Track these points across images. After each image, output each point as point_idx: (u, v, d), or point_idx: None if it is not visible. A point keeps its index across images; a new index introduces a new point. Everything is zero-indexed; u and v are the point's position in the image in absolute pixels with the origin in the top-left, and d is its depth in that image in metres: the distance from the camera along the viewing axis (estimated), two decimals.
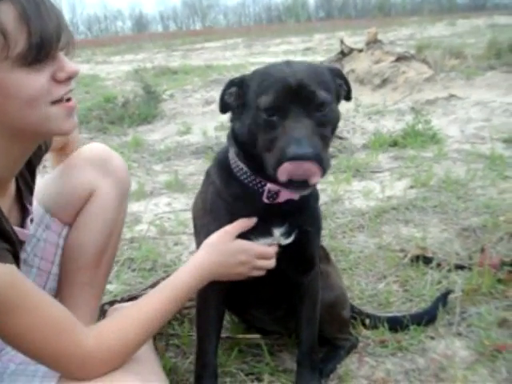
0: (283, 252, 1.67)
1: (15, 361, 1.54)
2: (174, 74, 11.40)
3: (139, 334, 1.50)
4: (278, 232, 1.64)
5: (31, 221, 1.62)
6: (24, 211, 1.60)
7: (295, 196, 1.60)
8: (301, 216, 1.66)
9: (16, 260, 1.39)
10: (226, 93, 1.61)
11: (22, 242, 1.57)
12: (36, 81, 1.28)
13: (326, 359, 1.94)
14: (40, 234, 1.76)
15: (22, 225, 1.58)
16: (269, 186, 1.58)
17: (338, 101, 1.59)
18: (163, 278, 2.37)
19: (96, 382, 1.44)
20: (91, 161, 1.79)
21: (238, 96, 1.59)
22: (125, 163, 1.89)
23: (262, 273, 1.66)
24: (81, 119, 6.60)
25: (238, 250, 1.61)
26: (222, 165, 1.70)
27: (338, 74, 1.61)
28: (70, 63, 1.35)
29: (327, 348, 2.00)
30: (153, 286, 2.35)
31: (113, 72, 13.58)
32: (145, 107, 6.65)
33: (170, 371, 1.71)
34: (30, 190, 1.67)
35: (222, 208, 1.69)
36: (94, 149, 1.84)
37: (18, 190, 1.59)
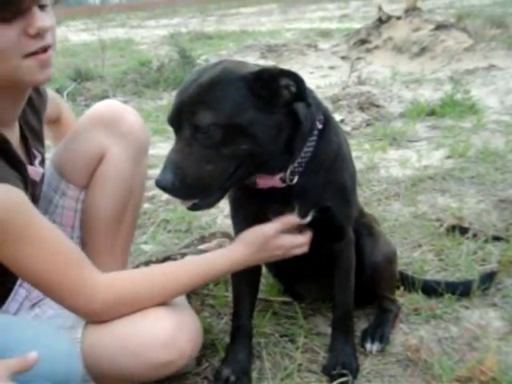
0: (310, 225, 1.67)
1: (54, 307, 1.58)
2: (209, 39, 11.34)
3: (150, 294, 1.53)
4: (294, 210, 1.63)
5: (40, 163, 1.64)
6: (30, 157, 1.62)
7: (278, 184, 1.58)
8: (314, 193, 1.63)
9: (30, 195, 1.41)
10: None
11: (34, 183, 1.58)
12: (4, 36, 1.29)
13: (378, 324, 1.94)
14: (57, 200, 1.78)
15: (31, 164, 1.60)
16: None
17: (270, 105, 1.45)
18: (197, 240, 2.42)
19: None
20: (101, 121, 1.77)
21: None
22: (139, 120, 1.84)
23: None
24: (116, 82, 6.63)
25: (276, 247, 1.63)
26: None
27: (281, 75, 1.44)
28: (42, 18, 1.34)
29: (376, 313, 2.02)
30: (187, 246, 2.38)
31: (147, 36, 13.55)
32: (180, 71, 6.63)
33: (204, 331, 1.74)
34: (38, 137, 1.68)
35: (235, 190, 1.70)
36: (104, 108, 1.81)
37: (24, 137, 1.60)
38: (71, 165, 1.78)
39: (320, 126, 1.60)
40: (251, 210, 1.68)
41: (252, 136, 1.43)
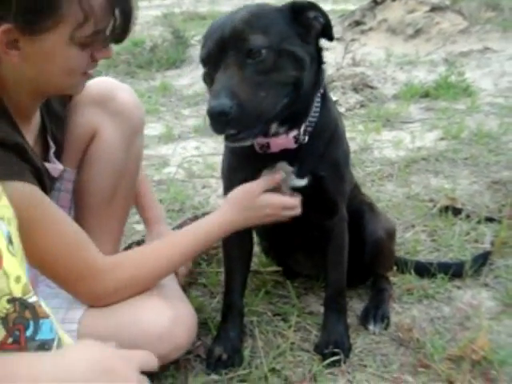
0: (303, 196, 1.66)
1: (51, 285, 1.58)
2: (203, 20, 11.22)
3: (152, 270, 1.56)
4: (288, 168, 1.63)
5: (55, 155, 1.63)
6: (46, 146, 1.61)
7: (290, 145, 1.58)
8: (312, 159, 1.63)
9: (44, 188, 1.42)
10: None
11: (54, 178, 1.58)
12: (81, 58, 1.38)
13: (378, 304, 1.95)
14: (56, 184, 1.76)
15: (46, 159, 1.59)
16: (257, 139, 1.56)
17: (305, 38, 1.49)
18: (190, 219, 2.41)
19: (122, 303, 1.50)
20: (93, 99, 1.73)
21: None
22: (133, 98, 1.79)
23: (286, 219, 1.67)
24: (109, 63, 6.55)
25: (264, 205, 1.61)
26: None
27: (310, 7, 1.48)
28: (111, 48, 1.47)
29: (373, 292, 2.03)
30: (180, 226, 2.37)
31: (141, 17, 13.29)
32: (173, 52, 6.59)
33: (196, 310, 1.74)
34: (61, 124, 1.67)
35: (230, 153, 1.72)
36: (97, 85, 1.75)
37: (43, 125, 1.59)
38: (64, 144, 1.73)
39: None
40: (248, 176, 1.65)
41: (299, 62, 1.45)
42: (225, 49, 1.41)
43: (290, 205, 1.64)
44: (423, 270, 2.13)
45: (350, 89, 4.71)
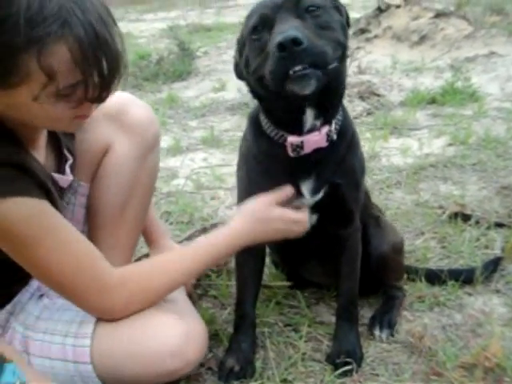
0: (319, 206, 1.66)
1: (39, 306, 1.59)
2: (208, 31, 11.28)
3: (163, 283, 1.55)
4: (306, 190, 1.63)
5: (70, 168, 1.64)
6: (62, 158, 1.62)
7: (322, 143, 1.58)
8: (330, 168, 1.63)
9: (53, 203, 1.41)
10: (235, 52, 1.62)
11: (63, 189, 1.59)
12: (60, 109, 1.32)
13: (385, 311, 1.95)
14: (69, 198, 1.76)
15: (60, 171, 1.60)
16: (290, 139, 1.56)
17: (339, 14, 1.53)
18: (198, 231, 2.42)
19: (134, 319, 1.50)
20: (108, 113, 1.73)
21: (239, 51, 1.58)
22: (148, 113, 1.80)
23: (296, 235, 1.66)
24: None
25: (275, 219, 1.61)
26: (253, 121, 1.70)
27: None
28: (92, 110, 1.42)
29: (383, 299, 2.02)
30: (189, 238, 2.38)
31: (146, 30, 13.49)
32: (179, 64, 6.61)
33: (207, 322, 1.74)
34: (72, 136, 1.68)
35: (252, 163, 1.70)
36: (113, 99, 1.71)
37: (56, 138, 1.60)
38: (78, 158, 1.74)
39: None
40: (267, 190, 1.63)
41: (344, 30, 1.49)
42: (280, 10, 1.41)
43: (300, 219, 1.63)
44: (434, 278, 2.12)
45: (356, 97, 4.71)
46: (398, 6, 7.70)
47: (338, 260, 1.82)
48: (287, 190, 1.61)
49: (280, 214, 1.60)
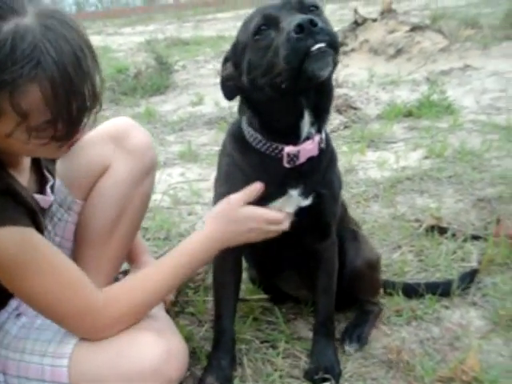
0: (298, 217, 1.66)
1: (41, 316, 1.57)
2: (186, 45, 11.29)
3: (146, 299, 1.55)
4: (294, 192, 1.62)
5: (51, 188, 1.63)
6: (43, 179, 1.61)
7: (315, 152, 1.59)
8: (316, 177, 1.64)
9: (38, 225, 1.41)
10: (225, 70, 1.61)
11: (43, 209, 1.58)
12: (36, 145, 1.31)
13: (356, 325, 1.96)
14: (61, 214, 1.77)
15: (42, 192, 1.59)
16: (287, 149, 1.56)
17: None
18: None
19: (114, 338, 1.49)
20: (108, 135, 1.77)
21: (234, 63, 1.57)
22: (147, 139, 1.82)
23: (273, 235, 1.65)
24: None
25: (247, 218, 1.60)
26: (236, 137, 1.69)
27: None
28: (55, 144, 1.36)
29: (356, 313, 2.02)
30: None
31: (124, 43, 13.48)
32: (157, 78, 6.61)
33: (185, 339, 1.72)
34: (52, 159, 1.67)
35: (239, 178, 1.67)
36: (113, 123, 1.81)
37: (36, 159, 1.60)
38: (73, 175, 1.76)
39: None
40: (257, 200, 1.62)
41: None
42: (284, 10, 1.43)
43: (274, 218, 1.61)
44: (411, 291, 2.13)
45: (333, 110, 4.74)
46: (374, 20, 7.78)
47: (314, 274, 1.82)
48: (256, 187, 1.60)
49: (251, 212, 1.60)
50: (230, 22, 18.23)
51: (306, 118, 1.54)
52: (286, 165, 1.58)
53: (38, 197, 1.53)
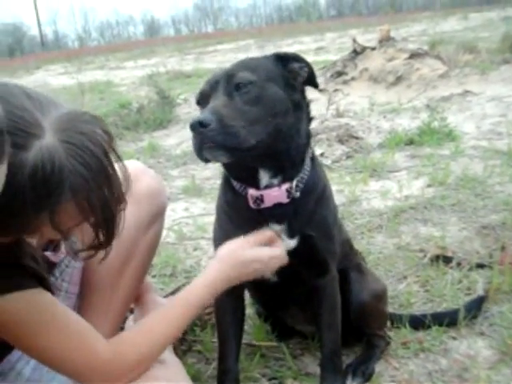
0: (294, 255, 1.68)
1: (30, 365, 1.56)
2: (188, 78, 11.42)
3: (153, 347, 1.54)
4: (277, 227, 1.66)
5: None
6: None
7: (283, 199, 1.63)
8: (300, 220, 1.67)
9: (45, 282, 1.41)
10: None
11: (54, 264, 1.59)
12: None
13: (363, 360, 1.95)
14: (68, 260, 1.76)
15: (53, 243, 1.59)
16: (250, 191, 1.62)
17: (290, 83, 1.62)
18: (184, 285, 2.39)
19: None
20: None
21: None
22: (158, 184, 1.84)
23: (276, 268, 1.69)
24: None
25: (251, 260, 1.63)
26: (224, 174, 1.76)
27: (294, 58, 1.65)
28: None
29: (363, 348, 2.02)
30: (174, 292, 2.36)
31: (126, 77, 13.64)
32: (159, 112, 6.68)
33: (192, 378, 1.72)
34: None
35: (223, 215, 1.76)
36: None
37: None
38: None
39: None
40: (240, 233, 1.67)
41: (282, 102, 1.57)
42: (216, 87, 1.55)
43: (276, 254, 1.65)
44: (418, 323, 2.13)
45: (335, 140, 4.78)
46: (373, 48, 7.88)
47: (316, 310, 1.82)
48: (265, 234, 1.64)
49: (255, 254, 1.63)
50: (230, 53, 18.42)
51: (262, 173, 1.61)
52: (252, 205, 1.63)
53: (49, 254, 1.55)
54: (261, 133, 1.50)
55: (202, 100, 1.59)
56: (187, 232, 3.33)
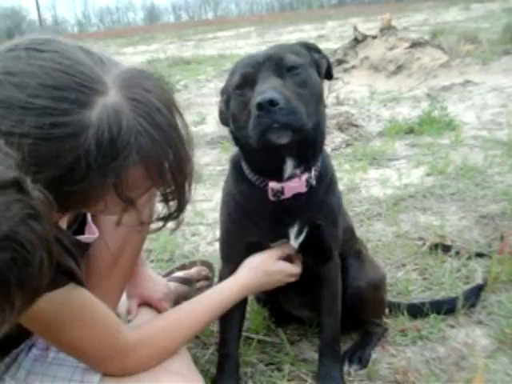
0: (300, 246, 1.71)
1: (29, 357, 1.56)
2: (187, 64, 11.38)
3: (176, 341, 1.59)
4: (291, 234, 1.68)
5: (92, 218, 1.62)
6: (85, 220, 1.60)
7: (302, 189, 1.62)
8: (311, 210, 1.68)
9: (76, 276, 1.38)
10: (221, 102, 1.68)
11: (87, 244, 1.59)
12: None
13: (360, 346, 1.95)
14: None
15: (83, 226, 1.58)
16: (271, 184, 1.61)
17: (318, 71, 1.62)
18: (177, 267, 2.41)
19: (138, 379, 1.49)
20: None
21: (225, 102, 1.64)
22: None
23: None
24: None
25: (277, 272, 1.74)
26: (234, 165, 1.74)
27: (316, 49, 1.66)
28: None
29: (360, 335, 2.02)
30: (167, 274, 2.37)
31: (126, 63, 13.59)
32: None
33: None
34: None
35: (234, 206, 1.75)
36: None
37: None
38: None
39: None
40: (253, 240, 1.73)
41: (320, 90, 1.59)
42: (261, 69, 1.50)
43: (295, 272, 1.78)
44: (416, 311, 2.12)
45: (335, 128, 4.76)
46: (374, 37, 7.84)
47: (318, 296, 1.82)
48: (288, 248, 1.72)
49: (281, 267, 1.75)
50: (230, 40, 18.37)
51: (288, 163, 1.59)
52: (272, 198, 1.62)
53: (83, 237, 1.52)
54: (314, 116, 1.51)
55: (246, 82, 1.51)
56: (185, 217, 3.30)
